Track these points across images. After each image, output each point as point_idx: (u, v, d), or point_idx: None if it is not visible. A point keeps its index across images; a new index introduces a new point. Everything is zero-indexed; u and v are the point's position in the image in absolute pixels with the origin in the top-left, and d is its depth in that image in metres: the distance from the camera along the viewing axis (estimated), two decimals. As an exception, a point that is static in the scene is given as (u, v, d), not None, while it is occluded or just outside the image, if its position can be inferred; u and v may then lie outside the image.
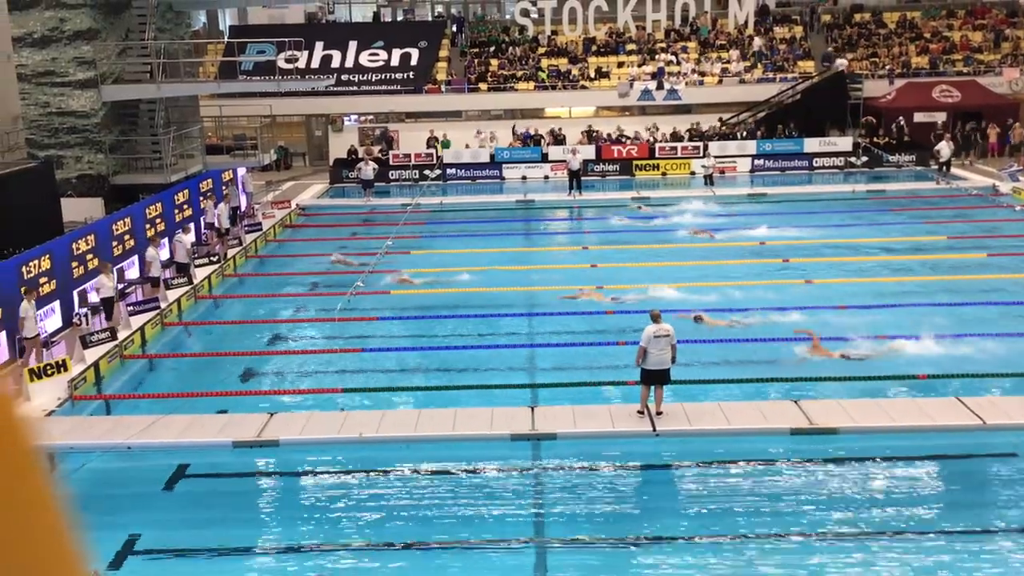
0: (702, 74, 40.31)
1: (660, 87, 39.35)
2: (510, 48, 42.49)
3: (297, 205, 31.24)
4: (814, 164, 35.82)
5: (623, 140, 37.23)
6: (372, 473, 12.62)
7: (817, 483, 12.03)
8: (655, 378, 13.29)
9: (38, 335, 15.87)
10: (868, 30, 42.97)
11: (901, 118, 36.73)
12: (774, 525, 10.95)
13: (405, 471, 12.59)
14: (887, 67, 39.93)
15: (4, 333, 15.81)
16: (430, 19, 47.15)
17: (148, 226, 21.95)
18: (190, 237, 22.56)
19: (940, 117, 37.13)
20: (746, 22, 42.69)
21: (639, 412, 13.48)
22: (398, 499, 11.83)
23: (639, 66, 40.70)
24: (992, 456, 12.84)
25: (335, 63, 40.66)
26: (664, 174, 35.82)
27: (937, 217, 27.29)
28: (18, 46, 24.84)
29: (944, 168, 32.55)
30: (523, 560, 10.44)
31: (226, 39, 41.74)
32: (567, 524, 11.12)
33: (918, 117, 37.19)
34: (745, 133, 37.47)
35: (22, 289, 16.03)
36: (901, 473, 12.35)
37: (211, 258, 23.29)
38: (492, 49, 42.61)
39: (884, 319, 17.78)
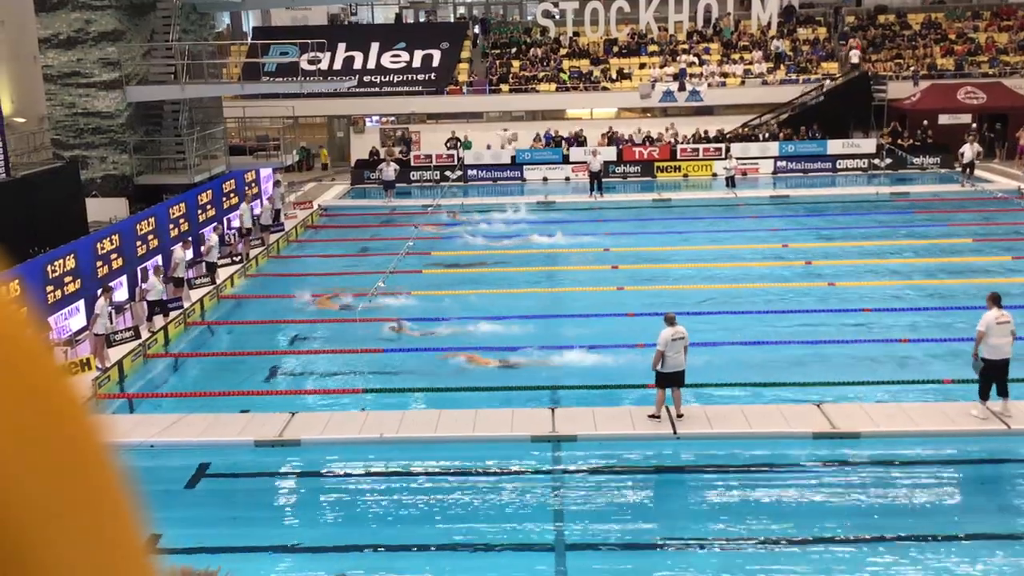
0: (724, 75, 40.18)
1: (682, 88, 39.25)
2: (532, 49, 42.50)
3: (319, 206, 31.37)
4: (837, 166, 35.62)
5: (646, 142, 37.12)
6: (392, 473, 12.66)
7: (839, 488, 11.96)
8: (673, 380, 13.25)
9: (104, 334, 16.16)
10: (892, 31, 42.69)
11: (925, 122, 36.40)
12: (796, 529, 10.90)
13: (425, 472, 12.62)
14: (911, 68, 39.65)
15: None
16: (452, 20, 47.26)
17: (172, 226, 22.11)
18: (216, 237, 22.70)
19: (965, 119, 36.79)
20: (769, 23, 42.52)
21: (654, 416, 13.39)
22: (418, 500, 11.85)
23: (661, 67, 40.60)
24: (1016, 461, 12.73)
25: (357, 64, 40.81)
26: (686, 176, 35.72)
27: (960, 219, 27.07)
28: (44, 47, 25.08)
29: (968, 170, 32.29)
30: (543, 562, 10.44)
31: (249, 40, 41.97)
32: (587, 526, 11.12)
33: (943, 119, 36.87)
34: (767, 135, 37.31)
35: (100, 288, 17.01)
36: (924, 478, 12.26)
37: (233, 258, 23.46)
38: (514, 50, 42.64)
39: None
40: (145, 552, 0.74)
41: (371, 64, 40.95)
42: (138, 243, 20.31)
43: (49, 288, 16.32)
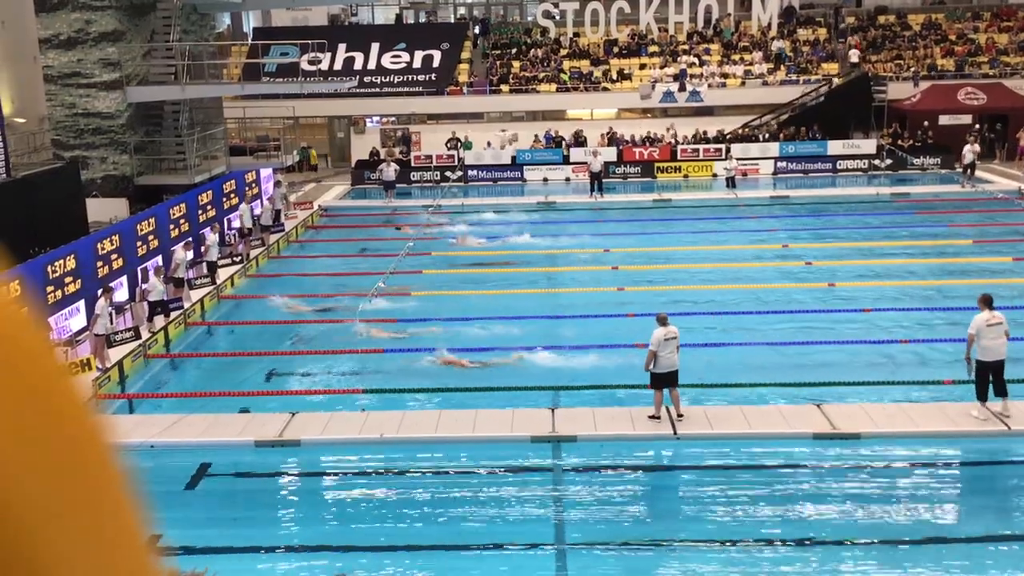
0: (724, 76, 40.17)
1: (682, 89, 39.25)
2: (532, 50, 42.50)
3: (319, 206, 31.36)
4: (838, 167, 35.60)
5: (646, 142, 37.10)
6: (392, 474, 12.66)
7: (839, 488, 11.95)
8: (667, 380, 13.22)
9: (105, 335, 16.18)
10: (893, 32, 42.68)
11: (926, 122, 36.37)
12: (796, 530, 10.90)
13: (425, 472, 12.62)
14: (912, 69, 39.65)
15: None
16: (452, 21, 47.26)
17: (172, 227, 22.10)
18: (215, 237, 22.72)
19: (965, 120, 36.75)
20: (769, 24, 42.51)
21: (654, 417, 13.38)
22: (418, 500, 11.85)
23: (661, 68, 40.60)
24: (1016, 462, 12.73)
25: (358, 65, 40.81)
26: (686, 176, 35.71)
27: (961, 220, 27.05)
28: (44, 47, 25.08)
29: (968, 171, 32.28)
30: (543, 563, 10.43)
31: (250, 41, 41.98)
32: (587, 527, 11.12)
33: (943, 120, 36.85)
34: (767, 135, 37.30)
35: (100, 289, 17.10)
36: (924, 479, 12.26)
37: (234, 259, 23.45)
38: (514, 51, 42.64)
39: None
40: (147, 552, 0.74)
41: (371, 65, 40.95)
42: (138, 243, 20.30)
43: (49, 288, 16.32)
